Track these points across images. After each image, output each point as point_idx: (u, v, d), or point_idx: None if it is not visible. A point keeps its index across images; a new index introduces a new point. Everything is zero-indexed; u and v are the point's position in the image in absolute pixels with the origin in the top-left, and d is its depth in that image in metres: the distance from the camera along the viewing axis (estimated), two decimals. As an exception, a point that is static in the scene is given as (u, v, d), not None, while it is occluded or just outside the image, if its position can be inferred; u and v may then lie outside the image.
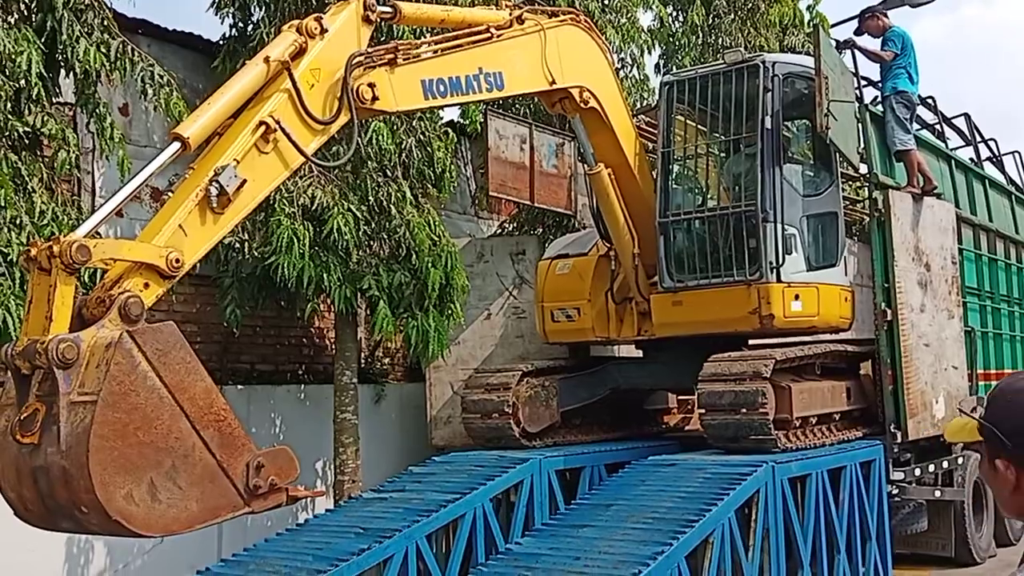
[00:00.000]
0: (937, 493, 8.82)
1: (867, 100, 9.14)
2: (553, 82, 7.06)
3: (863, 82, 9.04)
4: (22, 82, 6.08)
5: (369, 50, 5.61)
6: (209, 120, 4.80)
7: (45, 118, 6.32)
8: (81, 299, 4.27)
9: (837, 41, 8.73)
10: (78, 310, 4.21)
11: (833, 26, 12.60)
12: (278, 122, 4.96)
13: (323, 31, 5.33)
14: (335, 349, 9.82)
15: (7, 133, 6.09)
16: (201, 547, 8.21)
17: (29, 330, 4.13)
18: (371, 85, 5.50)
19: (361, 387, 9.74)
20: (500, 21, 6.64)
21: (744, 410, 7.14)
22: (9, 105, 6.05)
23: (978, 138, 11.73)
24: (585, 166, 8.25)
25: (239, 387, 9.58)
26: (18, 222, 5.91)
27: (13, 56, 5.92)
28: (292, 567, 6.09)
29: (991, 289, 10.39)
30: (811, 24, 12.99)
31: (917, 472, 8.56)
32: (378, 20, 5.79)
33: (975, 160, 11.51)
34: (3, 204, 5.82)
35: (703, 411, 7.48)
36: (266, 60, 5.08)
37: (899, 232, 8.26)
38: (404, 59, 5.77)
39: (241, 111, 5.00)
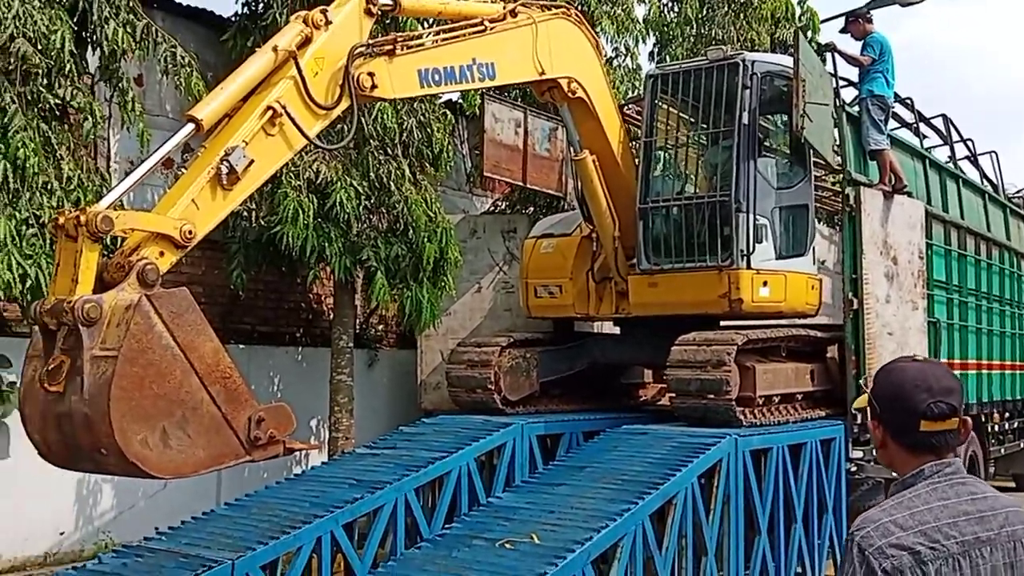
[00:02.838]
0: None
1: (848, 99, 9.59)
2: (543, 72, 7.40)
3: (843, 83, 9.47)
4: (54, 58, 6.56)
5: (370, 41, 5.97)
6: (221, 104, 5.13)
7: (74, 91, 6.80)
8: (102, 263, 4.58)
9: (819, 44, 9.15)
10: (99, 273, 4.52)
11: (823, 22, 13.07)
12: (284, 107, 5.27)
13: (328, 22, 5.63)
14: (333, 315, 10.33)
15: (40, 105, 6.57)
16: (200, 494, 8.77)
17: (56, 290, 4.48)
18: (371, 74, 5.79)
19: (356, 351, 10.27)
20: (495, 14, 6.94)
21: (711, 395, 7.58)
22: (43, 80, 6.53)
23: (955, 137, 12.16)
24: (571, 152, 8.69)
25: (241, 347, 10.09)
26: (49, 187, 6.41)
27: (48, 34, 6.40)
28: (291, 512, 6.46)
29: (959, 283, 10.82)
30: (801, 18, 13.35)
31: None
32: (379, 12, 6.16)
33: (951, 158, 11.94)
34: (36, 171, 6.31)
35: (673, 395, 7.97)
36: (274, 49, 5.37)
37: (868, 227, 8.68)
38: (402, 50, 6.08)
39: (250, 95, 5.34)
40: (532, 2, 7.45)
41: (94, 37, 7.02)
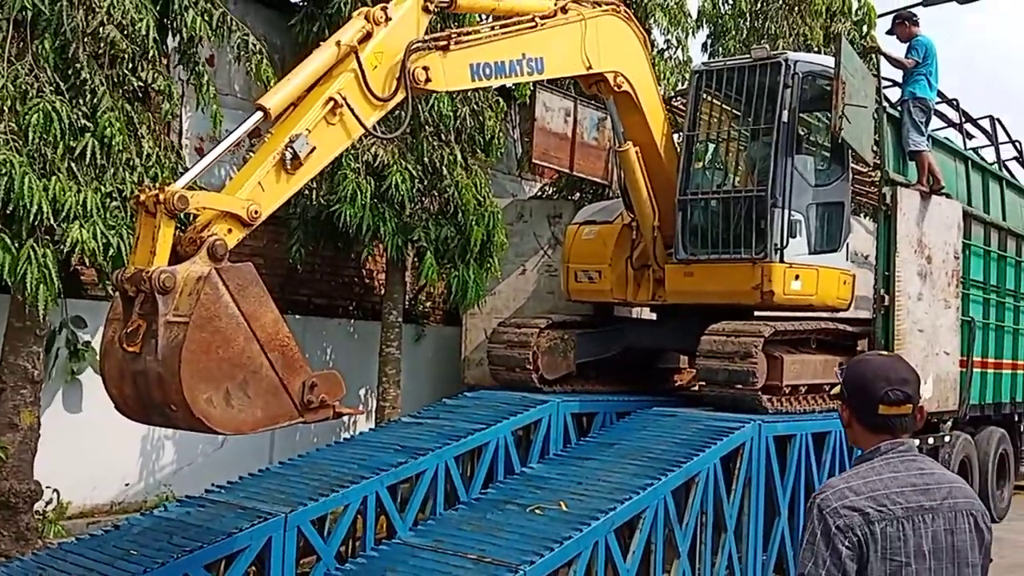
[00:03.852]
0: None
1: (894, 99, 9.77)
2: (590, 67, 7.65)
3: (888, 83, 9.67)
4: (140, 44, 7.10)
5: (426, 37, 6.28)
6: (287, 94, 5.49)
7: (155, 75, 7.34)
8: (177, 237, 4.97)
9: (864, 46, 9.34)
10: (174, 246, 4.91)
11: (880, 16, 13.16)
12: (344, 98, 5.61)
13: (388, 19, 5.94)
14: (384, 290, 10.83)
15: (125, 87, 7.12)
16: (254, 454, 9.33)
17: (136, 260, 4.87)
18: (425, 68, 6.11)
19: (404, 326, 10.75)
20: (546, 11, 7.21)
21: (738, 385, 7.93)
22: (129, 64, 7.08)
23: (1003, 138, 12.24)
24: (616, 143, 9.01)
25: (297, 317, 10.62)
26: (131, 164, 6.98)
27: (135, 21, 6.95)
28: (339, 473, 6.92)
29: (997, 283, 10.97)
30: (857, 12, 13.42)
31: (903, 446, 9.24)
32: (436, 9, 6.50)
33: (998, 160, 12.02)
34: (120, 148, 6.87)
35: (702, 383, 8.31)
36: (337, 43, 5.70)
37: (904, 225, 8.88)
38: (456, 45, 6.39)
39: (314, 86, 5.67)
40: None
41: (174, 24, 7.54)
